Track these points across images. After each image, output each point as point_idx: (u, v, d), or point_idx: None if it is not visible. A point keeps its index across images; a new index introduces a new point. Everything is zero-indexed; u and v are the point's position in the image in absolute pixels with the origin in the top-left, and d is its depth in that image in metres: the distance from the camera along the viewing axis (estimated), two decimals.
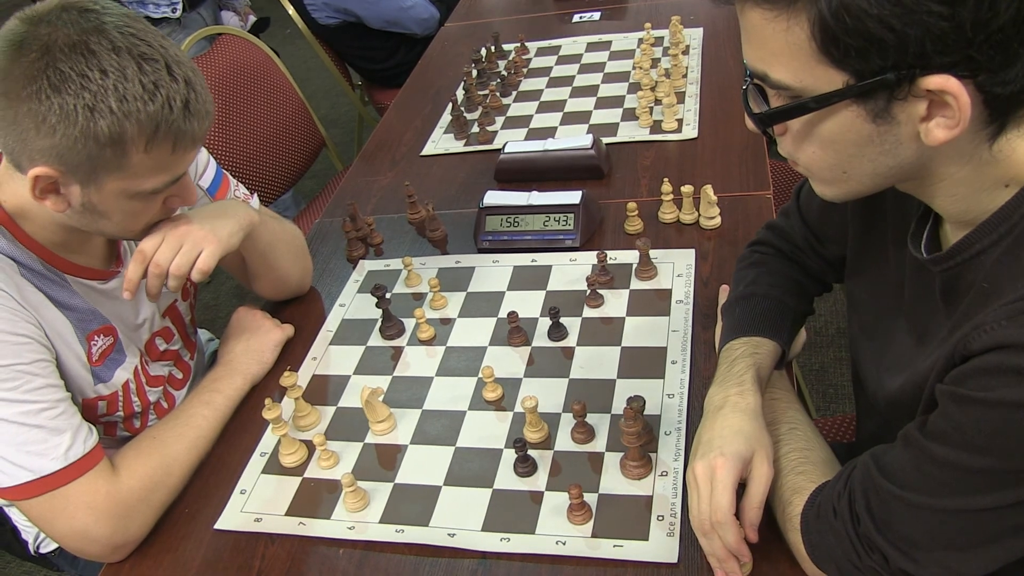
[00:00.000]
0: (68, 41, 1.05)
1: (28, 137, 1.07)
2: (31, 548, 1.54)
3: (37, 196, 1.13)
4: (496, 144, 2.02)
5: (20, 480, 1.14)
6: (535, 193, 1.68)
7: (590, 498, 1.14)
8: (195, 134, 1.14)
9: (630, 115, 2.02)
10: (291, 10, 3.34)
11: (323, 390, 1.43)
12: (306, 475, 1.28)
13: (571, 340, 1.41)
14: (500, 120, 2.13)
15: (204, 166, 1.51)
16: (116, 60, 1.06)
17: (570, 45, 2.45)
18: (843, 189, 0.89)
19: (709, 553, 1.02)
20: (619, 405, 1.27)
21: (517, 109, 2.17)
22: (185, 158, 1.17)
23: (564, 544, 1.10)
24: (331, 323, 1.57)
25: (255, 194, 1.63)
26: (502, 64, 2.40)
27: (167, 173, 1.16)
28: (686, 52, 2.22)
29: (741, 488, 1.01)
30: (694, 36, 2.31)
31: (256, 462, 1.32)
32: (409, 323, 1.52)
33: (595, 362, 1.36)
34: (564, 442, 1.24)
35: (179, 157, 1.15)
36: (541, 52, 2.45)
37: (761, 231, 1.31)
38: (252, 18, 3.79)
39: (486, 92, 2.21)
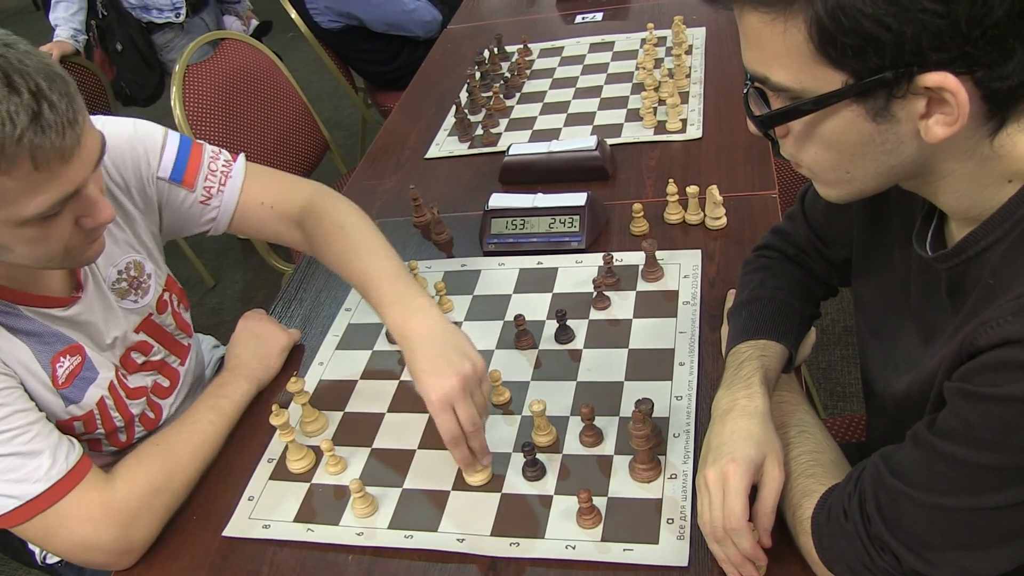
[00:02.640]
0: None
1: None
2: (38, 558, 1.53)
3: None
4: (500, 146, 2.02)
5: (7, 508, 1.13)
6: (540, 195, 1.67)
7: (599, 502, 1.14)
8: (59, 147, 1.00)
9: (634, 116, 2.02)
10: (293, 14, 3.34)
11: (330, 395, 1.43)
12: (314, 481, 1.28)
13: (578, 343, 1.41)
14: (504, 122, 2.13)
15: (161, 149, 1.39)
16: None
17: (573, 46, 2.45)
18: (847, 190, 0.89)
19: (723, 560, 1.02)
20: (627, 408, 1.26)
21: (521, 111, 2.17)
22: (62, 174, 1.03)
23: (574, 548, 1.09)
24: (337, 327, 1.57)
25: (241, 154, 1.51)
26: (505, 66, 2.40)
27: (46, 194, 1.03)
28: (689, 52, 2.22)
29: (751, 492, 1.00)
30: (697, 36, 2.31)
31: (263, 468, 1.32)
32: None
33: (603, 365, 1.36)
34: (572, 445, 1.23)
35: (51, 175, 1.01)
36: (544, 53, 2.45)
37: (766, 235, 1.30)
38: (254, 22, 3.81)
39: (490, 94, 2.21)
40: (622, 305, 1.47)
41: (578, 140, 1.85)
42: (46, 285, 1.25)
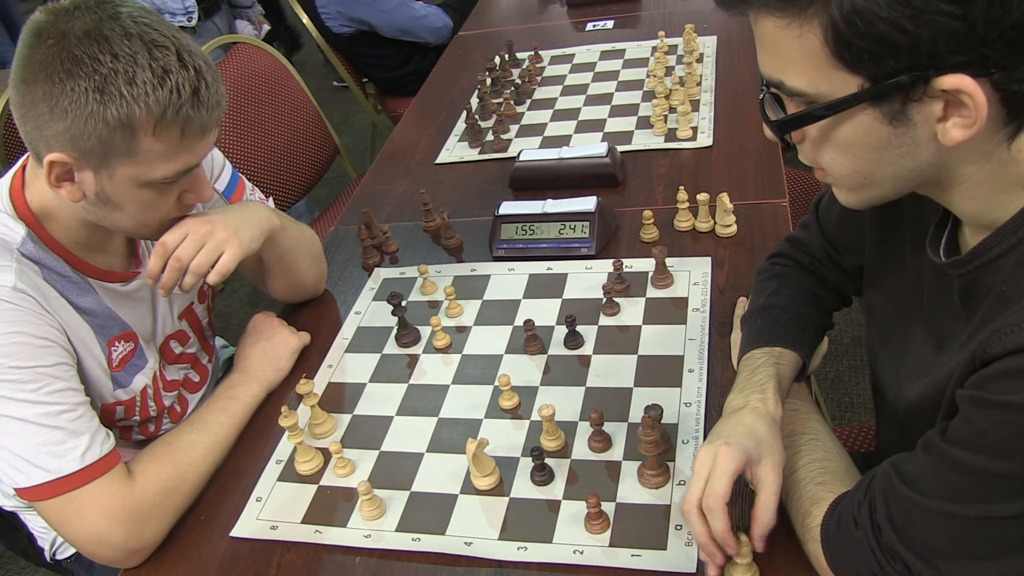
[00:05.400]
0: (83, 28, 1.09)
1: (43, 122, 1.11)
2: (47, 555, 1.54)
3: (52, 184, 1.15)
4: (511, 152, 2.02)
5: (38, 480, 1.15)
6: (550, 201, 1.68)
7: (607, 507, 1.14)
8: (204, 122, 1.15)
9: (644, 123, 2.02)
10: (305, 19, 3.35)
11: (339, 398, 1.43)
12: (322, 483, 1.28)
13: (587, 348, 1.41)
14: (514, 128, 2.13)
15: (220, 169, 1.52)
16: (127, 45, 1.09)
17: (584, 53, 2.45)
18: (866, 195, 0.89)
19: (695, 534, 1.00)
20: (636, 414, 1.26)
21: (531, 117, 2.17)
22: (195, 147, 1.17)
23: (581, 553, 1.09)
24: (347, 331, 1.58)
25: (270, 197, 1.63)
26: (516, 72, 2.40)
27: (177, 162, 1.16)
28: (700, 60, 2.22)
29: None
30: (708, 44, 2.31)
31: (272, 469, 1.32)
32: (425, 331, 1.52)
33: (612, 370, 1.36)
34: (581, 451, 1.23)
35: (189, 145, 1.16)
36: (555, 60, 2.45)
37: (780, 243, 1.30)
38: (266, 27, 3.83)
39: (500, 100, 2.21)
40: (631, 311, 1.47)
41: (588, 147, 1.85)
42: (110, 257, 1.32)
